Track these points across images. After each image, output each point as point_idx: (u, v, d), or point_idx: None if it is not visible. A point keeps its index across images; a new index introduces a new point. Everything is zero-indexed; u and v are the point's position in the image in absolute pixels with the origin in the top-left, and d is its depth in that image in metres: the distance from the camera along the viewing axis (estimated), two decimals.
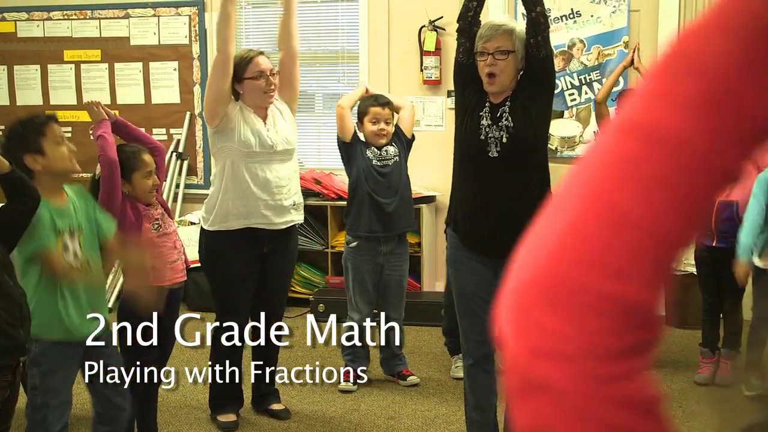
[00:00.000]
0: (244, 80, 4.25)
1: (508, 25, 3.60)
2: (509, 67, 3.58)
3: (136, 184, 3.80)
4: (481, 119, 3.72)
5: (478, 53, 3.60)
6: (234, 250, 4.27)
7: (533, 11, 3.60)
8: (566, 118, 6.55)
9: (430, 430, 4.39)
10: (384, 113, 4.87)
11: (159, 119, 7.41)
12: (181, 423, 4.40)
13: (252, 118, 4.27)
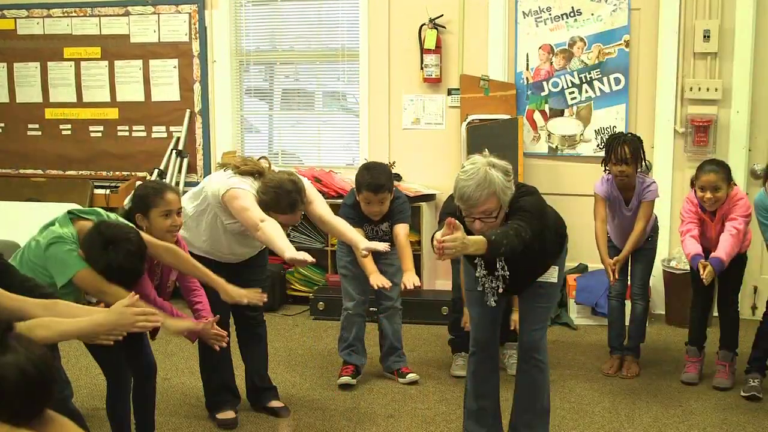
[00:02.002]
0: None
1: (489, 188, 3.32)
2: (499, 220, 3.42)
3: (153, 221, 3.71)
4: (475, 268, 3.66)
5: (462, 210, 3.41)
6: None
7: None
8: (566, 116, 6.54)
9: (429, 429, 4.38)
10: (377, 198, 4.77)
11: (159, 117, 7.40)
12: (180, 419, 4.39)
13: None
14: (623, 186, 5.03)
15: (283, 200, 4.05)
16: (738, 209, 4.70)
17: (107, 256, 3.33)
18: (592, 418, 4.51)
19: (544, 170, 6.57)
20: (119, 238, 3.36)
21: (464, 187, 3.33)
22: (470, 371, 3.89)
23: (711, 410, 4.62)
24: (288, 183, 4.10)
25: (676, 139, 6.27)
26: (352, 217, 4.84)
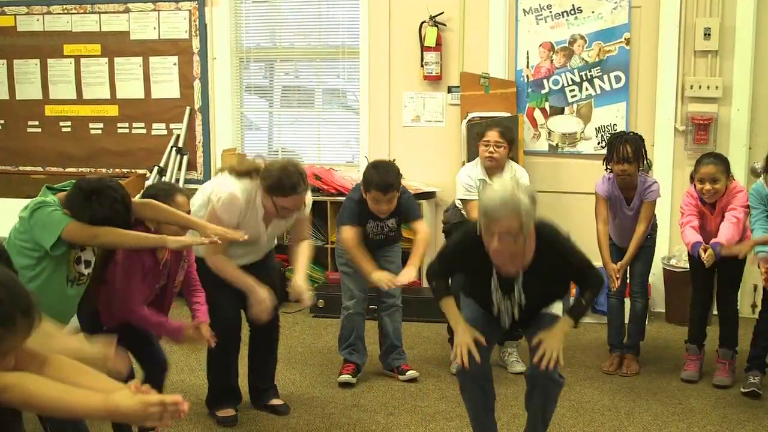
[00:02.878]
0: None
1: (514, 207, 3.30)
2: (518, 245, 3.39)
3: (164, 225, 3.72)
4: (491, 293, 3.67)
5: (483, 226, 3.39)
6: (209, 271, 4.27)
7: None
8: (567, 114, 6.54)
9: (429, 426, 4.38)
10: (385, 197, 4.75)
11: (159, 114, 7.40)
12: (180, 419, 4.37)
13: (259, 220, 4.26)
14: (625, 185, 5.03)
15: (285, 181, 4.05)
16: (737, 200, 4.72)
17: (91, 207, 3.31)
18: (592, 417, 4.51)
19: (545, 168, 6.57)
20: (101, 187, 3.36)
21: (489, 202, 3.34)
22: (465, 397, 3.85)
23: (711, 408, 4.62)
24: (289, 165, 4.14)
25: (676, 137, 6.27)
26: (355, 212, 4.84)
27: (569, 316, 3.67)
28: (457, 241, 3.75)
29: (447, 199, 6.73)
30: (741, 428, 4.35)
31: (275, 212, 4.17)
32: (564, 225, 6.22)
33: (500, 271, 3.58)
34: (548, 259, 3.53)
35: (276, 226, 4.38)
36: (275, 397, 4.62)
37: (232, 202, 4.11)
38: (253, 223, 4.22)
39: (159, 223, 3.71)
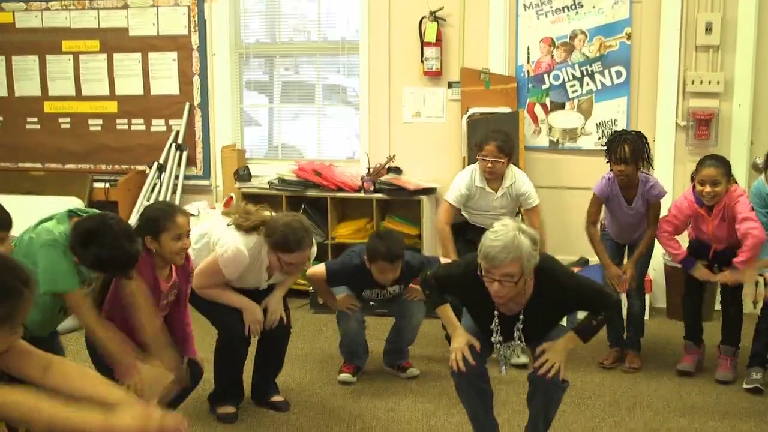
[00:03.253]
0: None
1: (515, 252, 3.32)
2: (519, 287, 3.43)
3: (164, 244, 3.70)
4: (491, 334, 3.68)
5: (483, 270, 3.41)
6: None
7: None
8: (567, 109, 6.52)
9: (430, 422, 4.37)
10: (392, 266, 4.73)
11: (158, 110, 7.37)
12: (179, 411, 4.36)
13: (262, 270, 4.35)
14: (624, 185, 5.01)
15: (290, 237, 4.13)
16: (742, 206, 4.69)
17: (91, 252, 3.29)
18: (593, 412, 4.49)
19: (545, 164, 6.55)
20: (96, 228, 3.31)
21: (491, 247, 3.34)
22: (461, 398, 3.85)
23: (713, 404, 4.60)
24: (294, 221, 4.23)
25: (677, 132, 6.24)
26: (355, 277, 4.83)
27: (576, 334, 3.64)
28: (458, 274, 3.73)
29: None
30: (743, 423, 4.33)
31: (280, 267, 4.26)
32: (564, 221, 6.25)
33: (501, 309, 3.61)
34: (550, 295, 3.55)
35: (278, 276, 4.45)
36: (276, 393, 4.61)
37: (237, 259, 4.19)
38: (256, 272, 4.33)
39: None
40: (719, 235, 4.83)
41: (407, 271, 4.83)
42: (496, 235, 3.36)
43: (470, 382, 3.70)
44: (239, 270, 4.22)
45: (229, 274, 4.22)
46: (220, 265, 4.19)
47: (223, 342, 4.40)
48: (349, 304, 4.87)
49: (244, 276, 4.28)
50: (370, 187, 6.60)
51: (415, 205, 6.59)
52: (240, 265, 4.20)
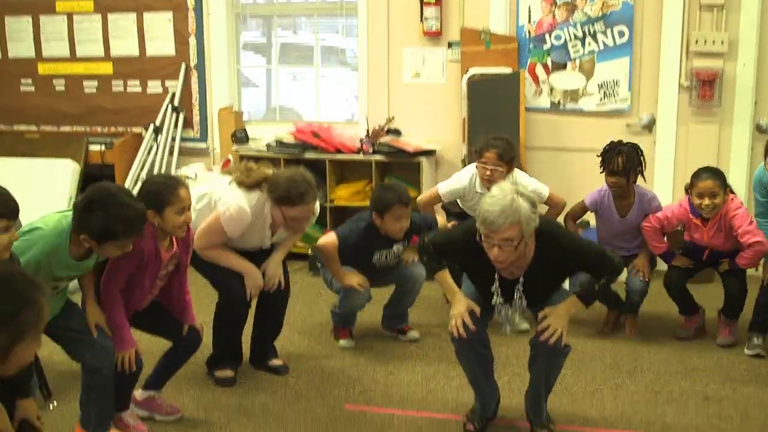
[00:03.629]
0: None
1: (514, 216, 3.28)
2: (519, 251, 3.38)
3: (167, 218, 3.63)
4: (492, 296, 3.63)
5: (482, 235, 3.36)
6: None
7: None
8: (569, 70, 6.43)
9: (430, 385, 4.34)
10: (406, 210, 4.70)
11: (154, 71, 7.27)
12: (177, 378, 4.32)
13: (266, 228, 4.29)
14: (617, 195, 5.01)
15: (293, 191, 4.09)
16: (741, 219, 4.68)
17: (98, 216, 3.22)
18: (593, 375, 4.47)
19: (546, 125, 6.48)
20: (95, 194, 3.29)
21: (488, 212, 3.29)
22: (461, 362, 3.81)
23: (713, 367, 4.57)
24: (297, 175, 4.18)
25: (680, 93, 6.16)
26: (366, 239, 4.74)
27: (578, 299, 3.60)
28: (457, 240, 3.67)
29: (447, 156, 6.67)
30: (744, 386, 4.30)
31: (284, 223, 4.21)
32: (565, 183, 6.19)
33: (502, 274, 3.57)
34: (551, 258, 3.50)
35: (281, 234, 4.39)
36: (274, 357, 4.57)
37: (240, 217, 4.13)
38: (258, 230, 4.27)
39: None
40: (715, 244, 4.82)
41: (409, 227, 4.78)
42: (494, 199, 3.31)
43: (471, 348, 3.67)
44: (242, 228, 4.16)
45: (231, 233, 4.16)
46: (222, 223, 4.13)
47: (223, 305, 4.36)
48: (360, 281, 4.73)
49: (246, 235, 4.22)
50: (369, 149, 6.53)
51: (415, 168, 6.53)
52: (242, 223, 4.14)
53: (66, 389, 4.20)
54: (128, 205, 3.27)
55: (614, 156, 4.89)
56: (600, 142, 5.12)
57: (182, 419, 3.94)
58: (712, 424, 3.88)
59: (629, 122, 6.29)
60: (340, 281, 4.73)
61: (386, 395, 4.23)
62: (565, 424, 3.88)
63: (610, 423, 3.89)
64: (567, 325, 3.55)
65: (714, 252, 4.87)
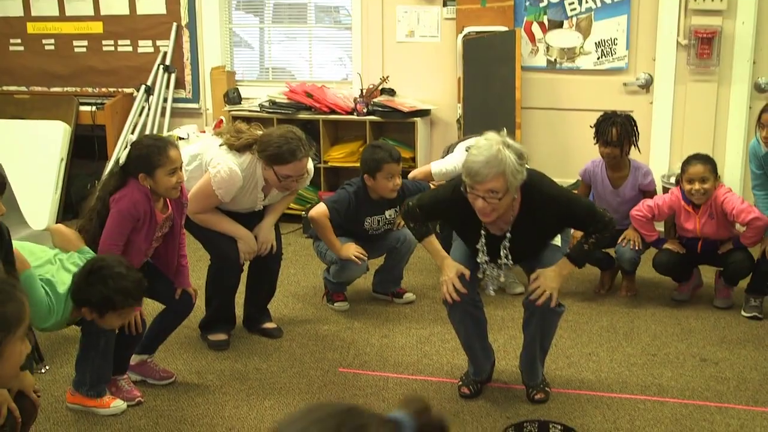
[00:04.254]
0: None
1: (499, 167, 3.20)
2: (504, 203, 3.31)
3: (159, 180, 3.59)
4: (476, 253, 3.56)
5: (467, 186, 3.28)
6: None
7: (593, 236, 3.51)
8: (566, 28, 6.33)
9: (424, 348, 4.31)
10: (398, 168, 4.66)
11: (145, 31, 7.16)
12: (170, 342, 4.30)
13: (258, 190, 4.20)
14: (611, 166, 4.99)
15: (284, 147, 4.01)
16: (733, 201, 4.64)
17: (96, 290, 3.26)
18: (590, 337, 4.44)
19: (543, 84, 6.39)
20: (92, 268, 3.31)
21: (473, 162, 3.23)
22: (454, 325, 3.77)
23: (710, 328, 4.55)
24: (287, 132, 4.09)
25: (678, 51, 6.07)
26: (356, 203, 4.70)
27: (569, 260, 3.55)
28: (444, 197, 3.60)
29: (442, 116, 6.61)
30: (741, 348, 4.29)
31: (278, 183, 4.11)
32: (562, 143, 6.14)
33: (488, 228, 3.51)
34: (539, 211, 3.44)
35: (274, 196, 4.31)
36: (268, 320, 4.54)
37: (231, 180, 4.05)
38: (250, 193, 4.18)
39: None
40: (706, 233, 4.76)
41: (402, 193, 4.73)
42: (479, 150, 3.25)
43: (463, 311, 3.63)
44: (233, 191, 4.09)
45: (222, 196, 4.09)
46: (214, 186, 4.06)
47: (215, 268, 4.33)
48: (356, 252, 4.64)
49: (238, 198, 4.16)
50: (363, 109, 6.46)
51: (410, 128, 6.46)
52: (234, 186, 4.07)
53: (58, 354, 4.18)
54: (125, 276, 3.30)
55: (608, 127, 4.87)
56: (597, 102, 5.07)
57: (175, 383, 3.92)
58: (709, 386, 3.86)
59: (626, 81, 6.21)
60: (337, 253, 4.67)
61: (381, 358, 4.20)
62: (560, 387, 3.86)
63: (606, 386, 3.87)
64: (558, 286, 3.51)
65: (707, 242, 4.81)
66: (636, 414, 3.60)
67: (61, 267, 3.40)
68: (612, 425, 3.50)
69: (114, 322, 3.39)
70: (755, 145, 4.66)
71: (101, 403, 3.59)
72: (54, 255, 3.45)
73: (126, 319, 3.45)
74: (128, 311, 3.40)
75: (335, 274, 4.81)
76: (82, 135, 6.94)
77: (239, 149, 4.11)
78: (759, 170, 4.66)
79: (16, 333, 2.21)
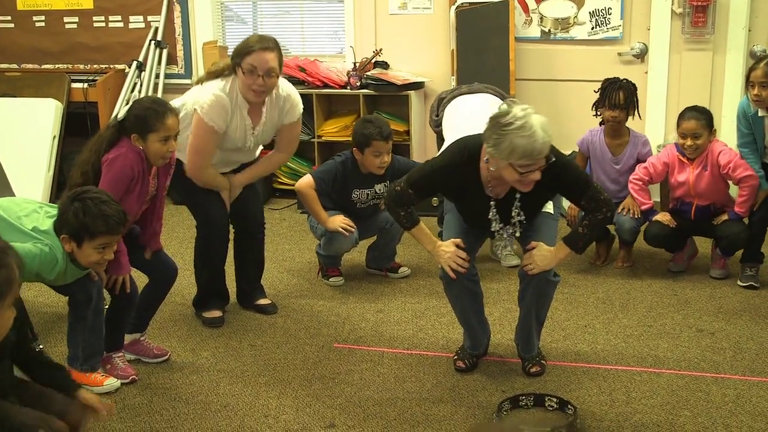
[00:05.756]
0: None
1: (549, 138, 3.21)
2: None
3: (150, 145, 3.56)
4: (490, 224, 3.53)
5: (519, 167, 3.22)
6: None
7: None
8: None
9: (420, 323, 4.30)
10: (387, 146, 4.64)
11: (135, 6, 7.08)
12: (165, 320, 4.29)
13: (245, 117, 4.09)
14: (613, 131, 5.02)
15: (249, 40, 3.98)
16: (728, 155, 4.65)
17: (75, 210, 3.21)
18: (585, 309, 4.43)
19: (537, 55, 6.34)
20: (75, 194, 3.28)
21: (532, 142, 3.16)
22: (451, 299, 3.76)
23: (706, 299, 4.54)
24: (254, 34, 4.21)
25: (673, 19, 6.02)
26: (343, 175, 4.68)
27: (566, 244, 3.52)
28: (449, 163, 3.49)
29: (436, 89, 6.54)
30: (737, 318, 4.28)
31: (247, 82, 3.94)
32: (557, 114, 6.10)
33: (491, 194, 3.48)
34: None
35: (263, 131, 4.20)
36: (262, 296, 4.52)
37: (218, 102, 3.98)
38: (240, 122, 4.08)
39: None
40: (700, 188, 4.72)
41: (392, 169, 4.71)
42: (525, 130, 3.16)
43: (461, 286, 3.61)
44: (225, 116, 3.99)
45: (218, 125, 3.97)
46: (206, 119, 3.96)
47: (203, 237, 4.29)
48: (343, 224, 4.65)
49: (230, 129, 4.05)
50: (357, 82, 6.41)
51: (404, 101, 6.41)
52: (223, 110, 3.97)
53: (52, 332, 4.17)
54: (106, 202, 3.25)
55: (615, 90, 4.92)
56: (591, 72, 5.04)
57: (170, 361, 3.90)
58: (705, 356, 3.85)
59: (621, 51, 6.16)
60: (323, 224, 4.66)
61: (376, 333, 4.19)
62: (556, 359, 3.85)
63: (602, 358, 3.86)
64: (549, 268, 3.52)
65: (700, 209, 4.79)
66: (632, 386, 3.59)
67: (46, 216, 3.34)
68: (608, 397, 3.50)
69: (91, 255, 3.27)
70: (744, 105, 4.59)
71: (95, 381, 3.58)
72: (39, 206, 3.41)
73: (104, 257, 3.30)
74: (106, 246, 3.28)
75: (324, 247, 4.79)
76: (74, 112, 6.88)
77: (217, 75, 4.05)
78: (747, 130, 4.61)
79: (5, 300, 2.18)
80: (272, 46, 3.98)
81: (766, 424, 3.26)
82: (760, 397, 3.47)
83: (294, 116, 4.26)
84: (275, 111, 4.17)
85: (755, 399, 3.45)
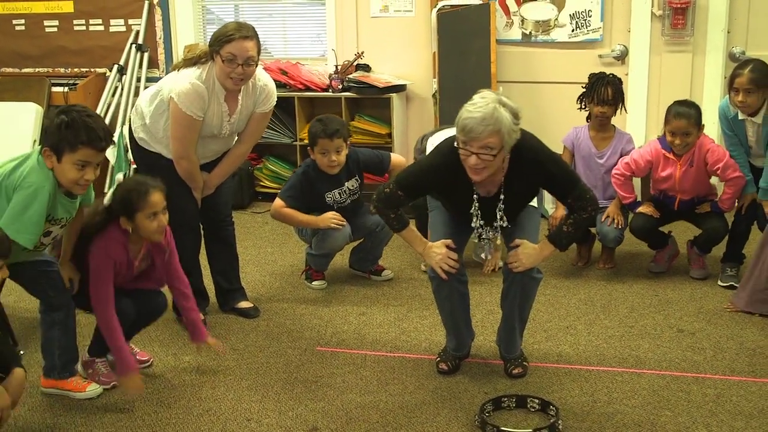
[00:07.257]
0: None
1: (495, 125, 3.15)
2: (497, 161, 3.26)
3: (140, 224, 3.52)
4: (471, 218, 3.52)
5: (460, 143, 3.23)
6: (169, 169, 4.14)
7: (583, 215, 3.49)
8: (540, 0, 6.29)
9: (402, 325, 4.30)
10: (333, 145, 4.59)
11: (116, 9, 7.08)
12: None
13: (221, 103, 4.07)
14: (600, 126, 5.03)
15: (227, 26, 3.95)
16: (716, 154, 4.65)
17: (58, 121, 3.21)
18: (567, 310, 4.45)
19: (518, 58, 6.36)
20: (61, 108, 3.30)
21: (469, 119, 3.17)
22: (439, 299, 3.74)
23: (687, 299, 4.56)
24: (232, 22, 4.06)
25: (653, 22, 6.06)
26: (308, 183, 4.68)
27: (550, 241, 3.53)
28: (435, 163, 3.50)
29: (417, 92, 6.57)
30: (718, 318, 4.30)
31: (225, 70, 3.91)
32: (538, 117, 6.11)
33: (480, 191, 3.47)
34: (527, 172, 3.40)
35: (239, 119, 4.18)
36: (243, 299, 4.51)
37: (195, 90, 3.94)
38: (217, 108, 4.05)
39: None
40: (685, 185, 4.74)
41: (353, 163, 4.72)
42: (475, 106, 3.19)
43: (451, 287, 3.61)
44: (202, 104, 3.96)
45: (195, 113, 3.94)
46: (183, 108, 3.93)
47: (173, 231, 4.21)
48: (332, 220, 4.65)
49: (207, 117, 4.02)
50: (339, 85, 6.41)
51: (385, 104, 6.42)
52: (200, 97, 3.94)
53: (33, 338, 4.14)
54: (92, 116, 3.27)
55: (603, 86, 4.93)
56: (572, 74, 5.06)
57: (151, 366, 3.89)
58: (686, 356, 3.87)
59: (602, 53, 6.19)
60: (315, 226, 4.66)
61: (359, 336, 4.19)
62: (538, 360, 3.86)
63: (584, 359, 3.87)
64: (533, 266, 3.53)
65: (684, 203, 4.82)
66: (613, 386, 3.60)
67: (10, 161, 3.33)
68: (590, 398, 3.51)
69: (69, 172, 3.24)
70: (724, 107, 4.61)
71: (77, 386, 3.56)
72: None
73: (84, 176, 3.26)
74: (86, 165, 3.26)
75: (318, 246, 4.77)
76: None
77: (194, 62, 4.02)
78: (730, 131, 4.64)
79: None
80: (252, 35, 3.97)
81: (746, 423, 3.28)
82: (740, 396, 3.49)
83: (267, 106, 4.25)
84: (250, 100, 4.17)
85: (735, 398, 3.47)
